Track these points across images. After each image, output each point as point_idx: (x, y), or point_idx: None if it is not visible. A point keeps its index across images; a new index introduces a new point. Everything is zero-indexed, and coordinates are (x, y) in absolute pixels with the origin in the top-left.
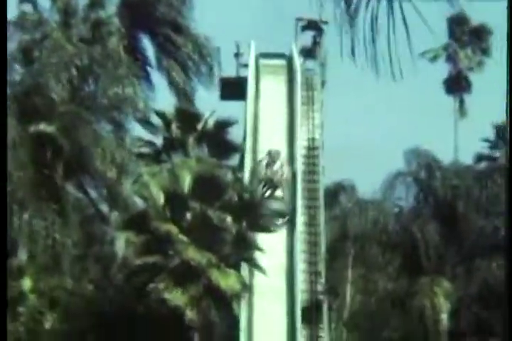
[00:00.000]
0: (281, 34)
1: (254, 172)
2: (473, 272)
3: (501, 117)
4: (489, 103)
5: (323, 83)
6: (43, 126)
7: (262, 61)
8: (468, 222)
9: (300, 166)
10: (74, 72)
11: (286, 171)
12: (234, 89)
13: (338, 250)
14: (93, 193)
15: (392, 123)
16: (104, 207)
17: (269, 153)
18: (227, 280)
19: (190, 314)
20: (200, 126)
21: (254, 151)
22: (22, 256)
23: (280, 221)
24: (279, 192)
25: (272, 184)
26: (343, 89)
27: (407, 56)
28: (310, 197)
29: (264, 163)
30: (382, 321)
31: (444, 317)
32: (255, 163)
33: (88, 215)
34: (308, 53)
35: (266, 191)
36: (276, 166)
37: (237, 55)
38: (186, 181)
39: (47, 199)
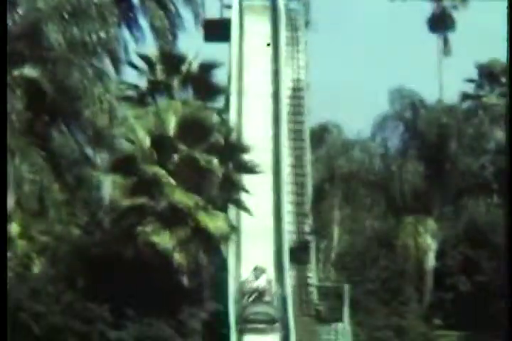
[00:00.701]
0: None
1: (240, 289)
2: (460, 211)
3: (485, 56)
4: (474, 41)
5: (307, 23)
6: (27, 71)
7: (246, 2)
8: (455, 160)
9: (285, 107)
10: (61, 16)
11: (273, 286)
12: (218, 30)
13: (325, 191)
14: (79, 137)
15: (376, 63)
16: (90, 151)
17: (255, 270)
18: (214, 223)
19: (178, 257)
20: (184, 69)
21: (240, 93)
22: (10, 202)
23: (268, 325)
24: (266, 298)
25: (258, 294)
26: (327, 30)
27: None
28: (296, 138)
29: (249, 280)
30: (370, 260)
31: (431, 256)
32: (240, 282)
33: (74, 159)
34: None
35: (252, 299)
36: (262, 281)
37: None
38: (172, 123)
39: (34, 145)
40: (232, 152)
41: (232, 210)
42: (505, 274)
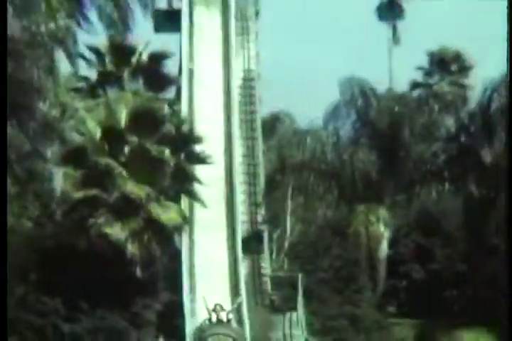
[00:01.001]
0: None
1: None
2: (412, 199)
3: (434, 44)
4: (423, 30)
5: (257, 13)
6: None
7: None
8: (407, 149)
9: (236, 97)
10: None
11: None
12: (168, 21)
13: (278, 180)
14: (29, 130)
15: (326, 53)
16: (41, 144)
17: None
18: (167, 214)
19: (131, 248)
20: (134, 60)
21: (191, 84)
22: None
23: None
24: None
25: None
26: (277, 19)
27: None
28: (247, 128)
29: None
30: (323, 249)
31: (384, 244)
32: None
33: (25, 152)
34: None
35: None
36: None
37: None
38: (123, 115)
39: None
40: (184, 143)
41: (184, 201)
42: (506, 274)
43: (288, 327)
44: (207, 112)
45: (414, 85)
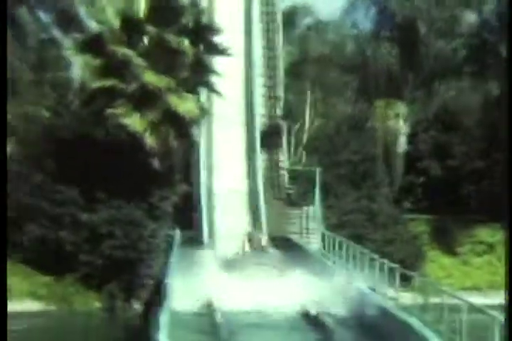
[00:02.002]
0: None
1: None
2: (432, 95)
3: None
4: None
5: None
6: None
7: None
8: (427, 44)
9: None
10: None
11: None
12: None
13: (297, 74)
14: (46, 18)
15: None
16: (58, 32)
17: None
18: (185, 105)
19: (149, 140)
20: None
21: None
22: None
23: None
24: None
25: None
26: None
27: None
28: (267, 20)
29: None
30: (341, 144)
31: (402, 140)
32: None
33: (42, 40)
34: None
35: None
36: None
37: None
38: (142, 4)
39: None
40: (204, 34)
41: (203, 93)
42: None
43: (305, 221)
44: (227, 3)
45: None
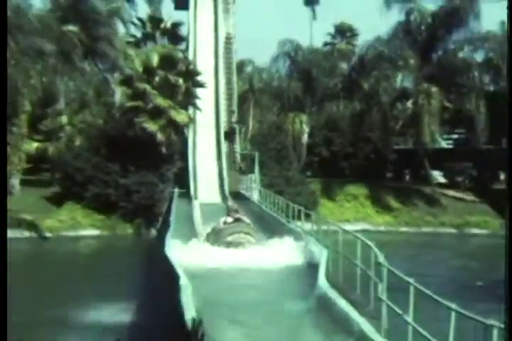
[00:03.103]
0: None
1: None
2: (322, 110)
3: (337, 20)
4: (330, 11)
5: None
6: (71, 27)
7: None
8: (318, 81)
9: (222, 50)
10: None
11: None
12: (183, 2)
13: (245, 98)
14: (101, 66)
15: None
16: (108, 74)
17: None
18: (180, 116)
19: (159, 136)
20: (163, 25)
21: (195, 41)
22: (61, 103)
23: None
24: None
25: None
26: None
27: None
28: (227, 67)
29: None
30: (270, 138)
31: (305, 136)
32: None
33: (99, 79)
34: None
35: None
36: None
37: None
38: (155, 58)
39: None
40: (191, 75)
41: (190, 109)
42: (506, 274)
43: (249, 182)
44: (204, 57)
45: (325, 44)
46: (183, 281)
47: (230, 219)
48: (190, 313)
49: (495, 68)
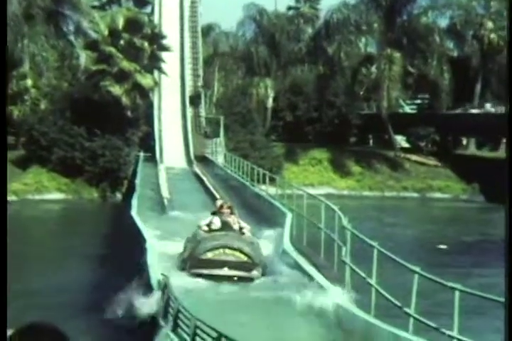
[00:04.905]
0: None
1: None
2: (287, 75)
3: None
4: None
5: None
6: None
7: None
8: (284, 45)
9: (187, 13)
10: None
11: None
12: None
13: (211, 62)
14: (67, 29)
15: None
16: (73, 38)
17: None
18: (145, 80)
19: (124, 100)
20: None
21: (160, 4)
22: (26, 66)
23: None
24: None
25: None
26: None
27: None
28: (192, 31)
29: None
30: (235, 103)
31: (270, 100)
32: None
33: (64, 42)
34: None
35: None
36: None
37: None
38: (121, 22)
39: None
40: (156, 38)
41: (156, 73)
42: (506, 273)
43: (214, 146)
44: (170, 21)
45: (289, 8)
46: (150, 244)
47: (216, 222)
48: (156, 275)
49: (458, 34)
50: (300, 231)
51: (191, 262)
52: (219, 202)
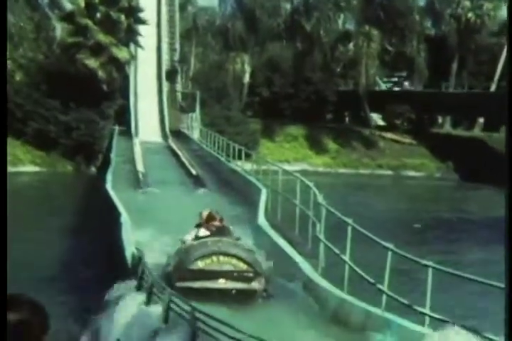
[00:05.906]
0: None
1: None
2: (263, 50)
3: None
4: None
5: None
6: None
7: None
8: (261, 21)
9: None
10: None
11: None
12: None
13: (187, 37)
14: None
15: None
16: (49, 10)
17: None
18: (122, 53)
19: (100, 73)
20: None
21: None
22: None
23: None
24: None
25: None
26: None
27: None
28: (170, 5)
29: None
30: (212, 77)
31: (247, 76)
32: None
33: (40, 14)
34: None
35: None
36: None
37: None
38: None
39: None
40: (133, 11)
41: (132, 46)
42: (506, 273)
43: (190, 121)
44: None
45: None
46: (124, 218)
47: (204, 232)
48: (130, 249)
49: (436, 12)
50: (275, 207)
51: (179, 274)
52: (205, 213)
